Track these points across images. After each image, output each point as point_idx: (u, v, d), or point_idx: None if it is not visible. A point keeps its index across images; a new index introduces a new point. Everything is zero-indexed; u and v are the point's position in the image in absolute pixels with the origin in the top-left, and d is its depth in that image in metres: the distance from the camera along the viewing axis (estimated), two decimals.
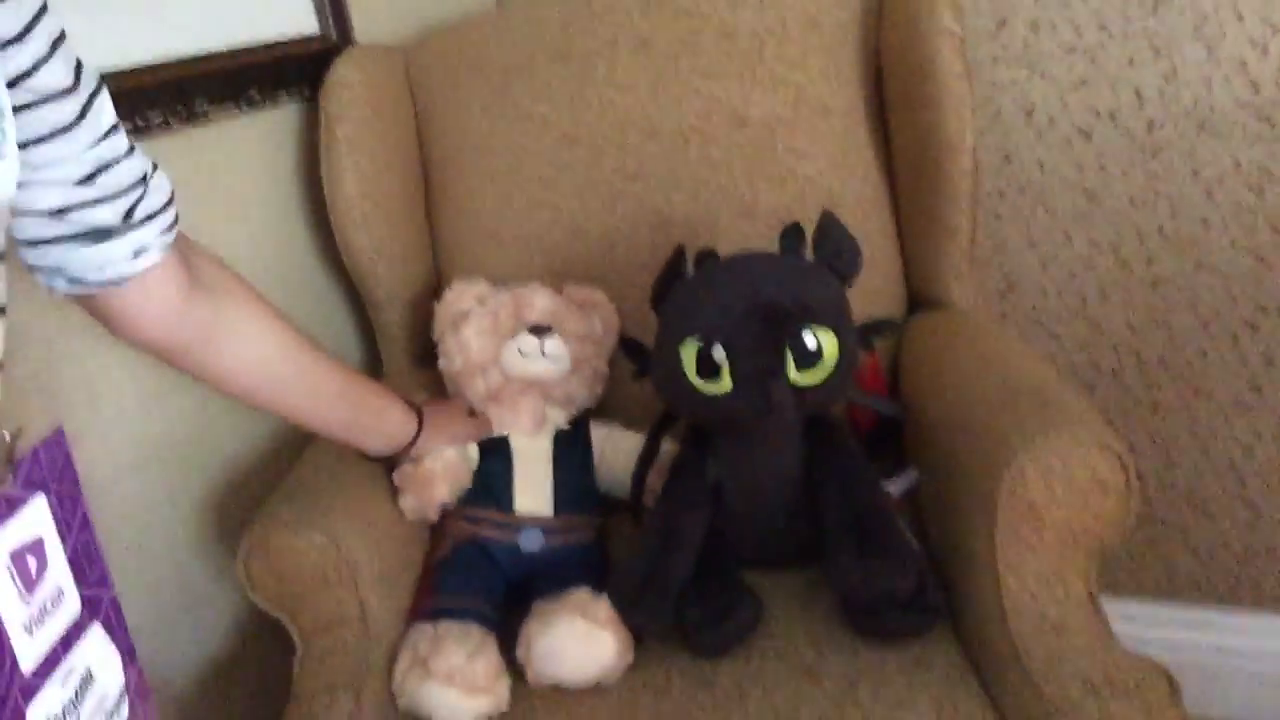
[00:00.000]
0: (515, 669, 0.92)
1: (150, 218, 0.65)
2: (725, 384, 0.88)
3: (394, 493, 1.01)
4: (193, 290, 0.74)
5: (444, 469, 1.01)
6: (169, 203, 0.68)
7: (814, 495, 0.96)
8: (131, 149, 0.63)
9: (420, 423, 0.99)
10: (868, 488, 0.97)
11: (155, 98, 1.01)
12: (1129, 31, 1.27)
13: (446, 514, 1.05)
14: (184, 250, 0.73)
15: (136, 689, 0.61)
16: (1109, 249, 1.37)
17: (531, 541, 1.03)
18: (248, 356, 0.82)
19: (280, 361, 0.85)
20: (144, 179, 0.65)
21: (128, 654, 0.61)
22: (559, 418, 1.11)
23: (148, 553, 1.03)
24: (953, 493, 0.94)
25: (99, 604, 0.58)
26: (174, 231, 0.69)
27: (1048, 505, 0.82)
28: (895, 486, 1.06)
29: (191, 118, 1.05)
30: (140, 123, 0.99)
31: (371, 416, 0.96)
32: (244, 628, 1.14)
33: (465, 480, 1.04)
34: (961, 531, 0.91)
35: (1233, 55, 1.23)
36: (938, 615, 0.91)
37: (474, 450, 1.07)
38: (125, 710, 0.59)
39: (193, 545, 1.08)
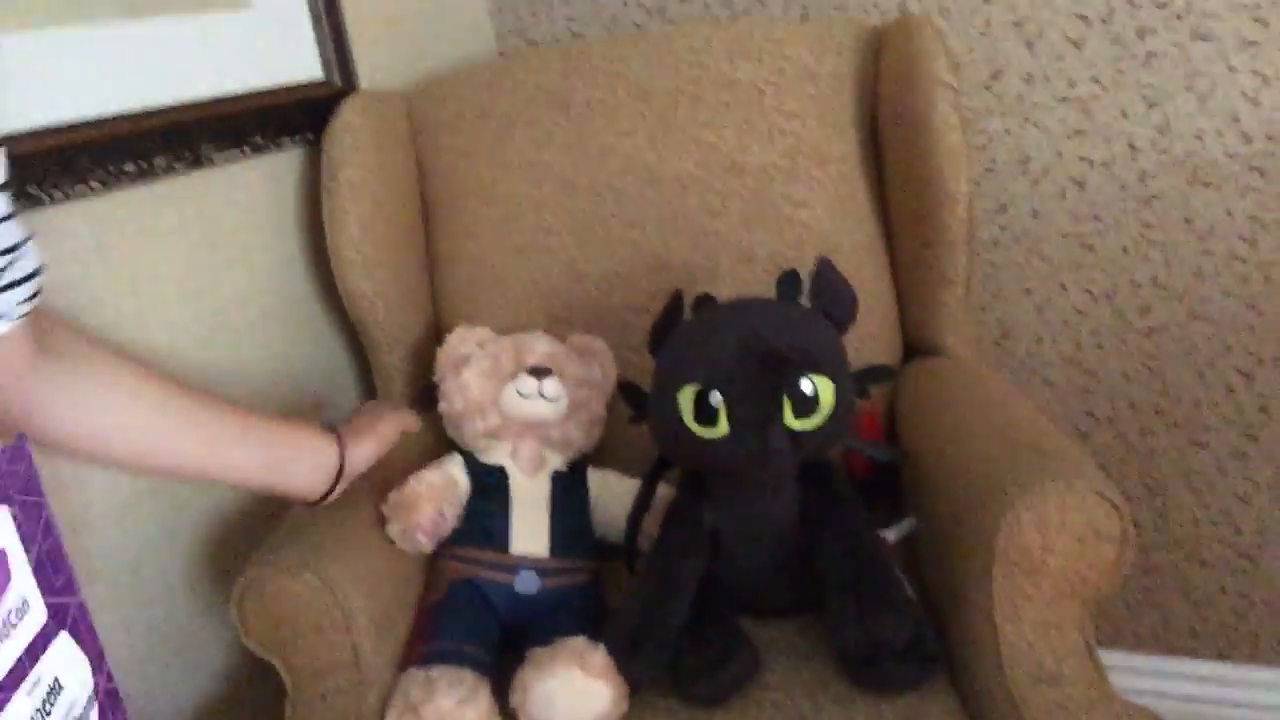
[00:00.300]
0: (508, 715, 0.91)
1: (12, 285, 0.63)
2: (722, 429, 0.89)
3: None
4: (43, 362, 0.72)
5: (427, 490, 1.02)
6: (34, 274, 0.65)
7: (811, 543, 0.96)
8: (9, 216, 0.61)
9: (340, 440, 0.93)
10: (865, 537, 0.96)
11: (160, 142, 1.02)
12: (1121, 83, 1.29)
13: (441, 554, 1.04)
14: (42, 323, 0.71)
15: (105, 694, 0.61)
16: (1104, 298, 1.38)
17: (528, 584, 1.03)
18: (116, 422, 0.78)
19: (160, 418, 0.80)
20: (14, 247, 0.62)
21: (96, 659, 0.61)
22: (557, 460, 1.11)
23: (140, 593, 1.02)
24: (950, 540, 0.93)
25: (65, 611, 0.58)
26: (33, 303, 0.66)
27: (1044, 554, 0.82)
28: (892, 533, 1.06)
29: (196, 162, 1.07)
30: (145, 166, 1.00)
31: (287, 449, 0.89)
32: (236, 670, 1.14)
33: (451, 504, 1.04)
34: (959, 579, 0.90)
35: (1224, 107, 1.25)
36: (935, 666, 0.91)
37: (462, 476, 1.08)
38: (94, 716, 0.59)
39: (186, 586, 1.08)
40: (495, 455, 1.10)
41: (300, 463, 0.90)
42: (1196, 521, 1.42)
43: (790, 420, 0.88)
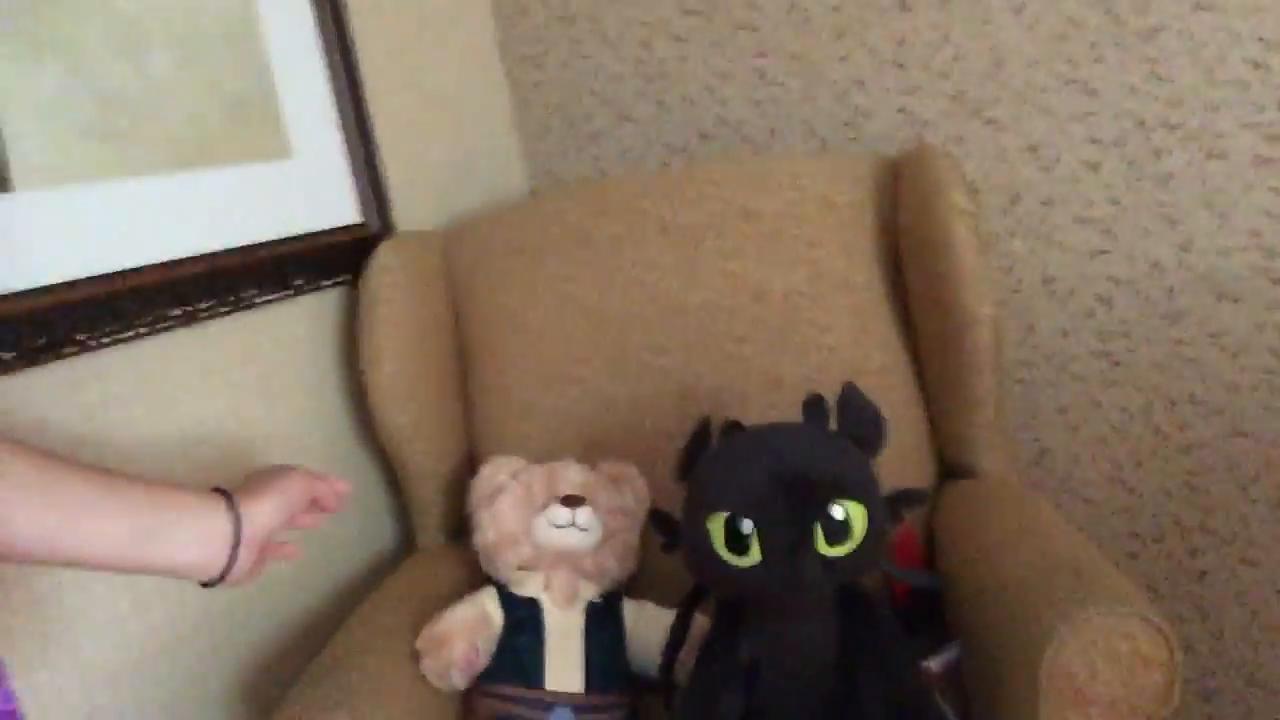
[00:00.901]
0: None
1: None
2: (754, 557, 0.88)
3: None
4: None
5: (460, 626, 1.01)
6: None
7: (851, 674, 0.94)
8: None
9: (230, 500, 0.77)
10: (905, 667, 0.94)
11: (204, 287, 1.06)
12: (1140, 203, 1.31)
13: (475, 691, 1.03)
14: None
15: None
16: (1140, 415, 1.37)
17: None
18: None
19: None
20: None
21: None
22: (591, 592, 1.10)
23: None
24: (995, 668, 0.91)
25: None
26: None
27: (1090, 681, 0.80)
28: (936, 662, 1.04)
29: (239, 305, 1.10)
30: (189, 310, 1.04)
31: (159, 514, 0.72)
32: None
33: (485, 639, 1.03)
34: (1005, 709, 0.88)
35: (1245, 224, 1.27)
36: None
37: (495, 610, 1.07)
38: None
39: None
40: (529, 587, 1.09)
41: (179, 529, 0.73)
42: (1255, 644, 1.37)
43: (822, 546, 0.87)
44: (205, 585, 0.77)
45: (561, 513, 1.09)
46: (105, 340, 0.95)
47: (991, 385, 1.16)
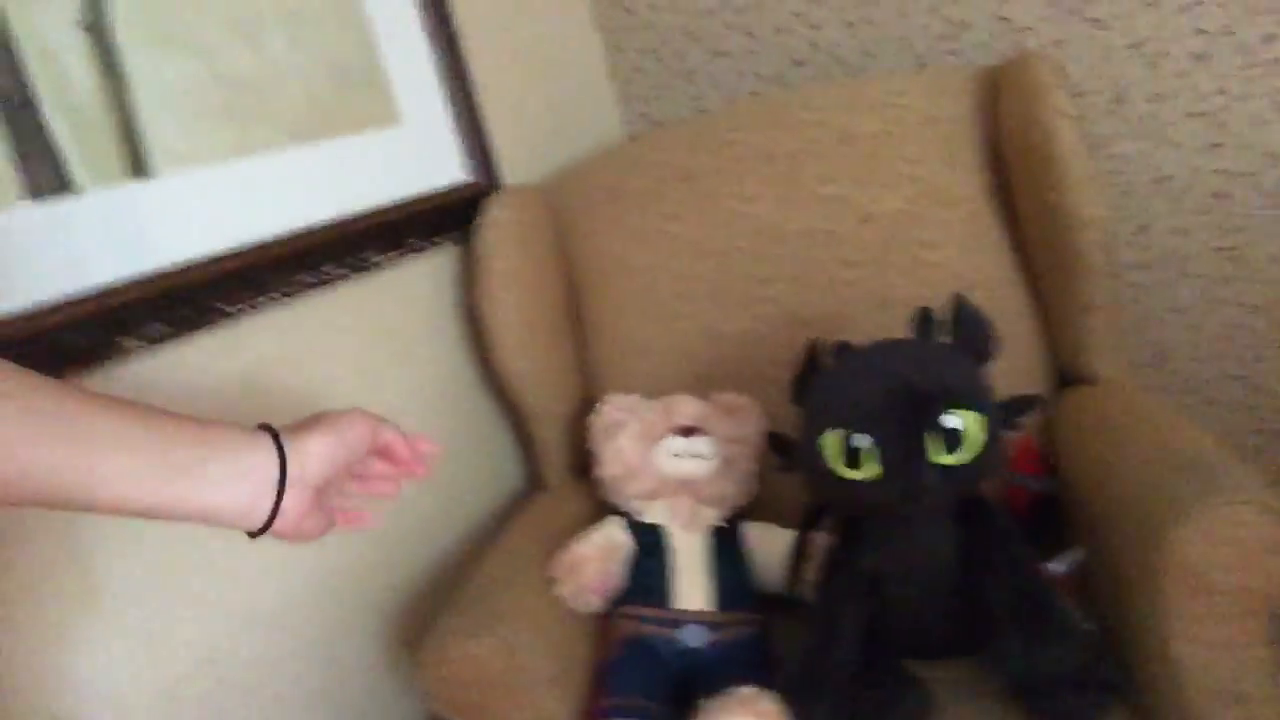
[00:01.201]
0: None
1: None
2: (871, 471, 0.91)
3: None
4: None
5: (592, 550, 1.08)
6: None
7: (974, 580, 0.96)
8: None
9: (275, 437, 0.69)
10: (1029, 568, 0.96)
11: (331, 252, 1.13)
12: (1251, 93, 1.26)
13: (609, 612, 1.09)
14: None
15: None
16: (1260, 310, 1.33)
17: (695, 637, 1.06)
18: None
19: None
20: None
21: None
22: (712, 516, 1.14)
23: (339, 665, 1.11)
24: (1118, 568, 0.92)
25: None
26: None
27: (1214, 572, 0.80)
28: (1058, 566, 1.05)
29: (362, 267, 1.17)
30: (319, 274, 1.11)
31: (193, 449, 0.63)
32: None
33: (617, 562, 1.09)
34: (1131, 606, 0.89)
35: None
36: (1115, 694, 0.89)
37: (623, 536, 1.12)
38: None
39: (381, 659, 1.16)
40: (653, 515, 1.14)
41: (214, 464, 0.64)
42: None
43: (938, 455, 0.89)
44: (252, 535, 0.67)
45: (679, 442, 1.13)
46: (246, 310, 1.03)
47: (1105, 289, 1.15)
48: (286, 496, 0.66)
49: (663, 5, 1.60)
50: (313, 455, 0.69)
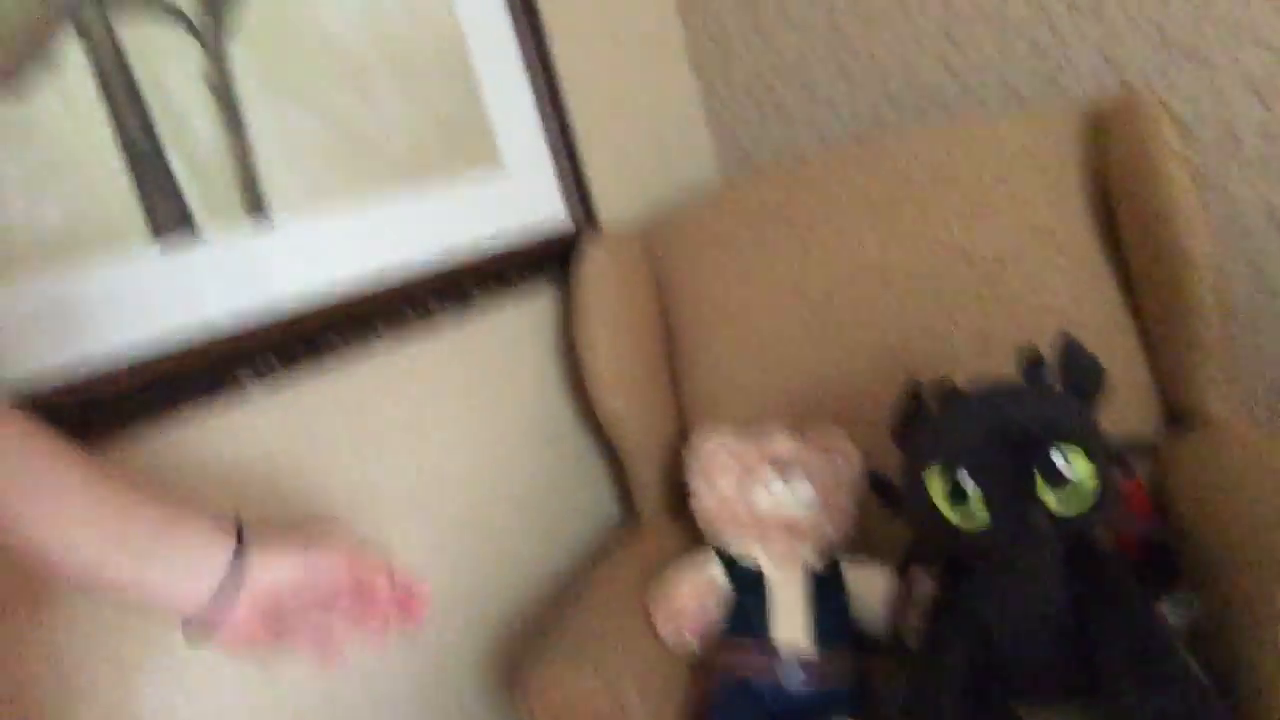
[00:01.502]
0: None
1: None
2: (978, 512, 0.89)
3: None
4: None
5: (690, 589, 1.08)
6: None
7: (1086, 626, 0.93)
8: None
9: (241, 539, 0.66)
10: (1143, 611, 0.93)
11: (433, 290, 1.16)
12: None
13: (706, 649, 1.08)
14: None
15: None
16: None
17: (793, 679, 1.05)
18: None
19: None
20: None
21: None
22: (809, 554, 1.13)
23: (444, 688, 1.12)
24: (1235, 620, 0.88)
25: None
26: None
27: None
28: (1174, 617, 1.01)
29: (464, 305, 1.20)
30: (422, 312, 1.14)
31: (163, 531, 0.62)
32: None
33: (712, 601, 1.09)
34: (1246, 660, 0.85)
35: None
36: None
37: (720, 574, 1.12)
38: None
39: (483, 688, 1.18)
40: (749, 553, 1.14)
41: (164, 555, 0.63)
42: None
43: (1045, 494, 0.87)
44: (190, 639, 0.65)
45: (776, 482, 1.13)
46: (357, 346, 1.07)
47: (1217, 329, 1.12)
48: (235, 602, 0.64)
49: (759, 47, 1.62)
50: (269, 571, 0.65)
